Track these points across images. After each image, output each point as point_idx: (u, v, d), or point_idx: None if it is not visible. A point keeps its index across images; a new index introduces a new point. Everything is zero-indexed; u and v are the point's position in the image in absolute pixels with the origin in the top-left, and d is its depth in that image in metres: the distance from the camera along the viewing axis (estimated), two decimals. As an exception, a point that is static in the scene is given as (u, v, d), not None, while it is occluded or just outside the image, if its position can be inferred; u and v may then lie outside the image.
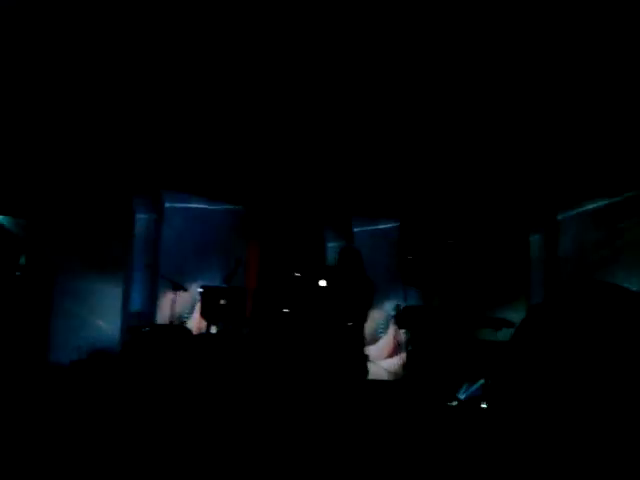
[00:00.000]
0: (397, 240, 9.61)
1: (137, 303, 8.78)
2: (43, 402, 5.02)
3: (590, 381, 1.94)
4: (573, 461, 1.95)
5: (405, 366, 8.11)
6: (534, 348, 2.09)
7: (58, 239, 8.41)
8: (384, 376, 8.47)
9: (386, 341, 9.36)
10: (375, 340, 9.28)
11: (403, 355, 8.59)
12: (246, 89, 7.07)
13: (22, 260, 7.68)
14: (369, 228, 9.84)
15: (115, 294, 8.79)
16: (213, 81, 6.95)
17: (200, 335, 7.52)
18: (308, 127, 7.76)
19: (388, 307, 9.09)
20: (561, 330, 2.03)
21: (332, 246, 9.93)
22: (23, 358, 7.22)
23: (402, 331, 8.55)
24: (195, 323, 8.60)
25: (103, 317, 8.57)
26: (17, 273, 7.58)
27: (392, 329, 9.23)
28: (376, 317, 9.12)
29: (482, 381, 6.38)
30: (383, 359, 9.07)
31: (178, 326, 7.85)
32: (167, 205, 9.22)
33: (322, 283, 6.32)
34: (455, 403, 5.63)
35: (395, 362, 9.01)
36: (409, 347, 7.67)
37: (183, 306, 8.66)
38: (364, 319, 6.18)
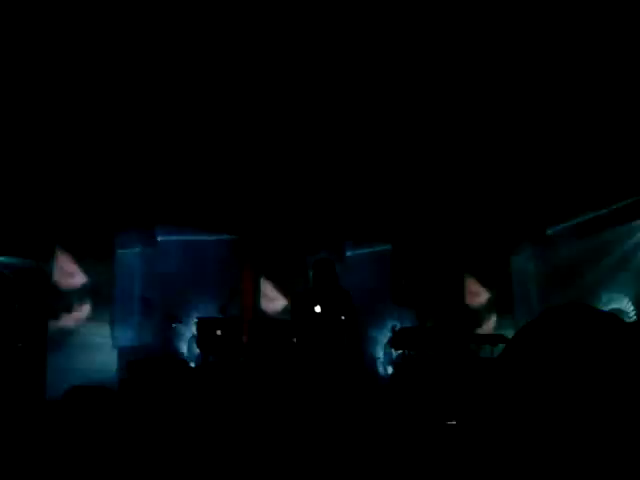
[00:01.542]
0: (390, 263, 9.64)
1: (134, 337, 8.73)
2: (38, 437, 5.00)
3: (577, 398, 1.98)
4: (568, 475, 1.98)
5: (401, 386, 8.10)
6: (523, 366, 2.12)
7: (50, 277, 8.39)
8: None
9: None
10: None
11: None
12: (237, 117, 7.16)
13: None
14: (362, 251, 9.87)
15: (106, 329, 8.74)
16: (204, 109, 7.03)
17: (197, 367, 7.50)
18: (299, 152, 7.84)
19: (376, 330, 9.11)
20: (549, 350, 2.07)
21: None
22: (20, 396, 7.17)
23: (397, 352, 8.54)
24: (191, 354, 8.57)
25: (97, 353, 8.49)
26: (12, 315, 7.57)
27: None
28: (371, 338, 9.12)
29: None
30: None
31: (175, 358, 7.83)
32: (160, 238, 9.23)
33: (317, 309, 6.32)
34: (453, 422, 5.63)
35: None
36: (405, 367, 7.67)
37: (179, 338, 8.64)
38: (357, 335, 6.08)
